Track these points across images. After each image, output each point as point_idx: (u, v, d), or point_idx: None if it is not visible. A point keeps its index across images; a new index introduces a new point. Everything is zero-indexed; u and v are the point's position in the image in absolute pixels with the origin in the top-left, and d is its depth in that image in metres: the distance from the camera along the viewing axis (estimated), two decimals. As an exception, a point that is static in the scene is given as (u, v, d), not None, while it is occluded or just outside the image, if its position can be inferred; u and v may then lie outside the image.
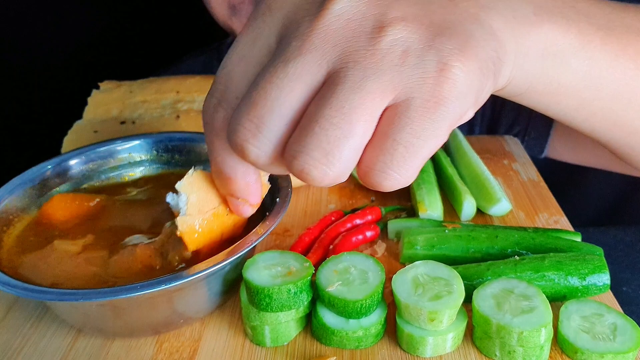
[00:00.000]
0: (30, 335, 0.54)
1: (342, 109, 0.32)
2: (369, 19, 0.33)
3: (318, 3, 0.34)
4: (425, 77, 0.33)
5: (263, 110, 0.34)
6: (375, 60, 0.33)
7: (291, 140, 0.34)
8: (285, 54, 0.34)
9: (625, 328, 0.48)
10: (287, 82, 0.33)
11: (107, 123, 0.73)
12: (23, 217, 0.59)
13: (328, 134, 0.32)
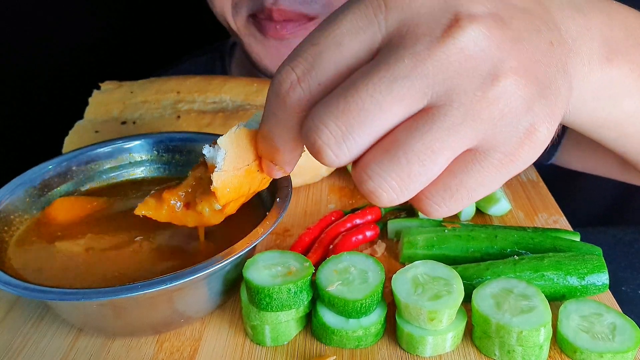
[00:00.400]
0: (31, 334, 0.54)
1: (433, 147, 0.33)
2: (487, 62, 0.33)
3: (444, 25, 0.32)
4: (513, 136, 0.33)
5: (355, 120, 0.33)
6: (479, 108, 0.33)
7: (371, 157, 0.34)
8: (394, 70, 0.32)
9: (624, 327, 0.48)
10: (389, 102, 0.32)
11: (107, 123, 0.73)
12: (24, 218, 0.59)
13: (412, 168, 0.33)
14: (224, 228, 0.58)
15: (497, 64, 0.32)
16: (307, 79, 0.34)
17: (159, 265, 0.53)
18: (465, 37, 0.32)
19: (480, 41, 0.32)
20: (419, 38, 0.32)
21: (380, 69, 0.32)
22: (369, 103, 0.32)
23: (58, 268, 0.53)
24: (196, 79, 0.76)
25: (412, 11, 0.33)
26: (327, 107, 0.33)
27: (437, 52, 0.32)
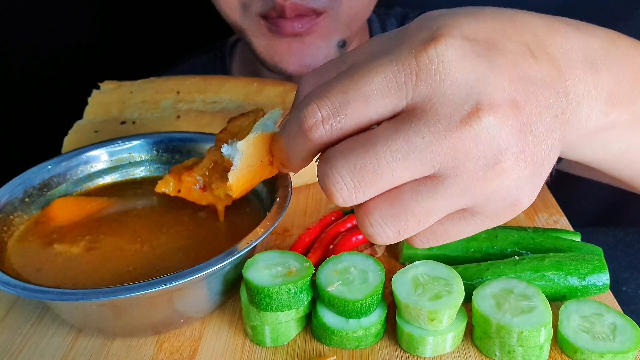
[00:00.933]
0: (31, 335, 0.54)
1: (430, 211, 0.38)
2: (494, 148, 0.36)
3: (465, 112, 0.35)
4: (499, 206, 0.39)
5: (368, 179, 0.37)
6: (477, 185, 0.37)
7: (374, 206, 0.38)
8: (412, 143, 0.36)
9: (624, 328, 0.48)
10: (401, 169, 0.36)
11: (107, 123, 0.73)
12: (23, 217, 0.59)
13: (408, 224, 0.38)
14: (223, 227, 0.58)
15: (502, 150, 0.36)
16: (330, 122, 0.37)
17: (159, 265, 0.53)
18: (481, 127, 0.35)
19: (493, 131, 0.36)
20: (440, 118, 0.35)
21: (399, 138, 0.36)
22: (384, 167, 0.36)
23: (57, 268, 0.53)
24: (196, 79, 0.76)
25: (439, 90, 0.35)
26: (346, 160, 0.37)
27: (453, 135, 0.35)
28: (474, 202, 0.38)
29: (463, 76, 0.36)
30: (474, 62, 0.36)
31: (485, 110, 0.35)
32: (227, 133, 0.52)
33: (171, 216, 0.60)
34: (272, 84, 0.75)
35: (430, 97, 0.36)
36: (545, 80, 0.39)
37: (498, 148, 0.36)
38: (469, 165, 0.36)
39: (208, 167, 0.52)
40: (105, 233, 0.58)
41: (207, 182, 0.52)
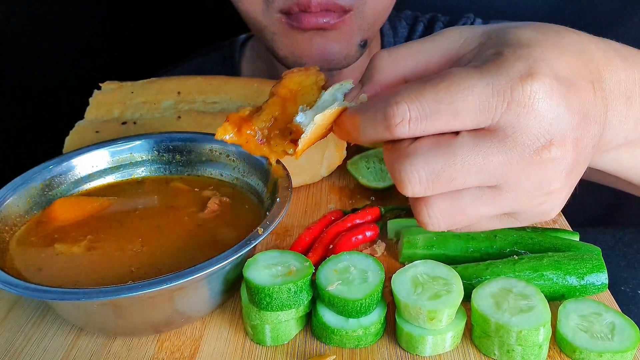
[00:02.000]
0: (32, 334, 0.54)
1: (482, 216, 0.44)
2: (552, 177, 0.42)
3: (540, 145, 0.41)
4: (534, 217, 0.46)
5: (442, 182, 0.42)
6: (528, 203, 0.44)
7: (436, 203, 0.43)
8: (488, 162, 0.41)
9: (623, 327, 0.48)
10: (472, 181, 0.42)
11: (108, 123, 0.73)
12: (25, 217, 0.59)
13: (461, 223, 0.44)
14: (224, 227, 0.58)
15: (555, 181, 0.43)
16: (417, 124, 0.41)
17: (160, 265, 0.53)
18: (549, 158, 0.41)
19: (556, 163, 0.42)
20: (517, 145, 0.41)
21: (478, 155, 0.41)
22: (459, 175, 0.41)
23: (59, 268, 0.53)
24: (197, 79, 0.76)
25: (524, 121, 0.40)
26: (426, 162, 0.42)
27: (524, 161, 0.41)
28: (516, 211, 0.45)
29: (546, 113, 0.40)
30: (557, 102, 0.41)
31: (556, 146, 0.41)
32: (284, 88, 0.54)
33: (172, 216, 0.60)
34: (273, 84, 0.75)
35: (514, 125, 0.40)
36: (597, 116, 0.44)
37: (554, 177, 0.42)
38: (527, 185, 0.42)
39: (267, 120, 0.53)
40: (106, 233, 0.58)
41: (267, 136, 0.54)
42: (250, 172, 0.64)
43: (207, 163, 0.67)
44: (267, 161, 0.61)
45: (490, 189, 0.43)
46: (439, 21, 1.07)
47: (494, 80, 0.40)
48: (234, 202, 0.62)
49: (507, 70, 0.41)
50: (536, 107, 0.40)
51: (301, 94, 0.53)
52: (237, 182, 0.66)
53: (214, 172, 0.67)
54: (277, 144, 0.53)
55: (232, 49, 1.11)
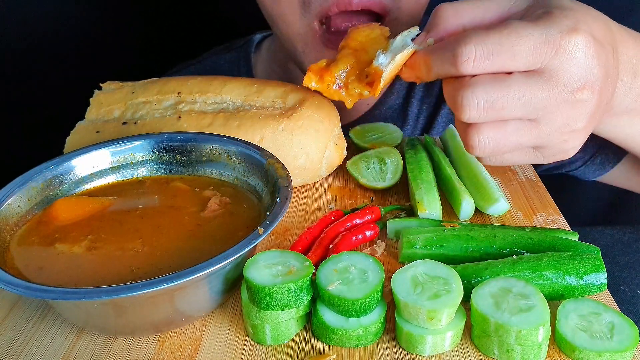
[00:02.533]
0: (33, 334, 0.54)
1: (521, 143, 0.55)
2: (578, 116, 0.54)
3: (577, 85, 0.52)
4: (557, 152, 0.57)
5: (495, 108, 0.52)
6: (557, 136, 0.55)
7: (487, 129, 0.54)
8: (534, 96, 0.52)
9: (622, 327, 0.48)
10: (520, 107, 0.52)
11: (109, 123, 0.73)
12: (26, 217, 0.60)
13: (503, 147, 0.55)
14: (224, 227, 0.59)
15: (582, 119, 0.54)
16: (480, 62, 0.51)
17: (160, 265, 0.53)
18: (581, 99, 0.52)
19: (585, 104, 0.53)
20: (560, 84, 0.52)
21: (527, 88, 0.52)
22: (510, 104, 0.52)
23: (59, 267, 0.53)
24: (197, 79, 0.76)
25: (566, 67, 0.51)
26: (485, 91, 0.52)
27: (563, 98, 0.52)
28: (544, 144, 0.55)
29: (584, 62, 0.51)
30: (592, 55, 0.51)
31: (587, 89, 0.52)
32: (354, 41, 0.65)
33: (172, 216, 0.60)
34: (273, 84, 0.75)
35: (558, 69, 0.51)
36: (613, 76, 0.56)
37: (580, 117, 0.54)
38: (559, 121, 0.53)
39: (345, 69, 0.63)
40: (106, 233, 0.58)
41: (345, 82, 0.64)
42: (251, 172, 0.65)
43: (207, 163, 0.67)
44: (266, 162, 0.62)
45: (530, 121, 0.54)
46: None
47: (547, 31, 0.51)
48: (234, 202, 0.63)
49: (558, 24, 0.51)
50: (577, 56, 0.51)
51: (370, 44, 0.64)
52: (238, 182, 0.66)
53: (214, 172, 0.67)
54: (355, 87, 0.62)
55: (247, 49, 1.10)
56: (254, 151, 0.64)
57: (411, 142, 0.81)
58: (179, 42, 1.36)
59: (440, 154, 0.77)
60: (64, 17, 1.27)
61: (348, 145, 0.80)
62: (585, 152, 0.92)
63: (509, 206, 0.68)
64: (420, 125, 1.01)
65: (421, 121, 1.02)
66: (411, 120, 1.01)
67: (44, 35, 1.26)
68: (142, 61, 1.30)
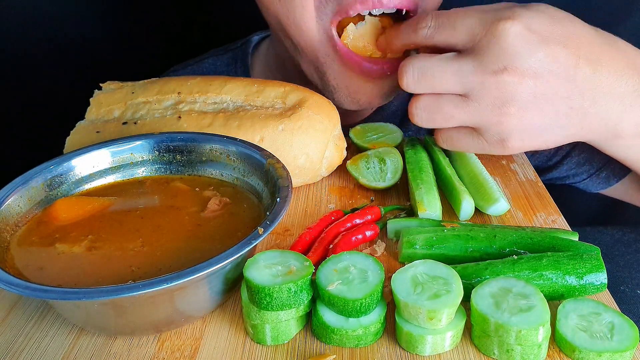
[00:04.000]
0: (33, 334, 0.54)
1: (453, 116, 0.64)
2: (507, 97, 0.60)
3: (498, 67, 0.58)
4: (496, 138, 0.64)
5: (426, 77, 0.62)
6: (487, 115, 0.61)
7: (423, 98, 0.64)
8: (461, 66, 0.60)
9: (622, 327, 0.48)
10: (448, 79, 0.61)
11: (109, 123, 0.73)
12: (26, 217, 0.60)
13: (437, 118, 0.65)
14: (224, 227, 0.59)
15: (511, 101, 0.58)
16: (431, 31, 0.62)
17: (160, 265, 0.53)
18: (503, 81, 0.58)
19: (510, 87, 0.58)
20: (483, 62, 0.58)
21: (455, 62, 0.60)
22: (438, 74, 0.61)
23: (59, 267, 0.53)
24: (197, 79, 0.76)
25: (491, 48, 0.58)
26: (420, 62, 0.61)
27: (485, 75, 0.58)
28: (480, 125, 0.61)
29: (508, 47, 0.56)
30: (526, 44, 0.56)
31: (509, 73, 0.57)
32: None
33: (172, 216, 0.60)
34: (273, 84, 0.75)
35: (484, 49, 0.57)
36: (576, 81, 0.58)
37: (509, 98, 0.58)
38: (487, 99, 0.58)
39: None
40: (107, 233, 0.58)
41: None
42: (251, 172, 0.65)
43: (207, 163, 0.67)
44: (266, 162, 0.62)
45: (462, 97, 0.60)
46: None
47: (486, 15, 0.58)
48: (234, 202, 0.63)
49: (497, 12, 0.58)
50: (503, 40, 0.56)
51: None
52: (238, 182, 0.66)
53: (214, 172, 0.67)
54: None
55: (244, 50, 1.09)
56: (254, 151, 0.64)
57: (411, 142, 0.81)
58: (180, 42, 1.36)
59: (440, 154, 0.77)
60: (64, 17, 1.27)
61: (348, 145, 0.80)
62: (592, 166, 0.92)
63: (509, 206, 0.68)
64: (424, 131, 1.01)
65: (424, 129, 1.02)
66: (413, 126, 1.01)
67: (44, 35, 1.26)
68: (142, 61, 1.30)
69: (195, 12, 1.34)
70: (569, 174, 0.95)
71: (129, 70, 1.03)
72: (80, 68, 1.29)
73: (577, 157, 0.93)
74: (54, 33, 1.27)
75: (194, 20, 1.35)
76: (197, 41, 1.29)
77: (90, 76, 0.88)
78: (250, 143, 0.66)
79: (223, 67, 1.09)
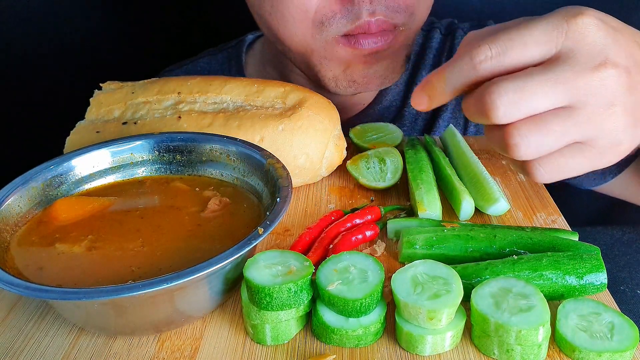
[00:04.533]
0: (33, 334, 0.54)
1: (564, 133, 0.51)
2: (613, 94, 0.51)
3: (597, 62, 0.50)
4: (609, 143, 0.53)
5: (525, 97, 0.50)
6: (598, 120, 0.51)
7: (524, 123, 0.51)
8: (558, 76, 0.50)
9: (622, 327, 0.48)
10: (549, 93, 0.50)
11: (109, 123, 0.73)
12: (26, 217, 0.60)
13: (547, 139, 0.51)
14: (224, 227, 0.59)
15: (617, 97, 0.51)
16: (497, 59, 0.51)
17: (160, 265, 0.53)
18: (606, 74, 0.50)
19: (614, 80, 0.50)
20: (580, 62, 0.50)
21: (550, 72, 0.50)
22: (538, 89, 0.49)
23: (59, 267, 0.53)
24: (197, 79, 0.76)
25: (580, 46, 0.50)
26: (510, 82, 0.50)
27: (587, 75, 0.50)
28: (592, 134, 0.52)
29: (598, 40, 0.50)
30: (607, 34, 0.50)
31: (610, 64, 0.50)
32: None
33: (172, 216, 0.60)
34: (273, 84, 0.75)
35: (573, 49, 0.50)
36: None
37: (614, 94, 0.51)
38: (595, 101, 0.50)
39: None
40: (107, 233, 0.58)
41: None
42: (251, 172, 0.65)
43: (207, 163, 0.67)
44: (266, 162, 0.62)
45: (565, 108, 0.51)
46: (460, 29, 1.07)
47: (551, 19, 0.51)
48: (234, 202, 0.63)
49: (562, 13, 0.51)
50: (588, 34, 0.50)
51: None
52: (238, 182, 0.66)
53: (214, 172, 0.67)
54: None
55: (238, 50, 1.10)
56: (254, 151, 0.64)
57: (411, 142, 0.81)
58: (180, 42, 1.36)
59: (440, 154, 0.77)
60: (64, 17, 1.27)
61: (348, 145, 0.80)
62: None
63: (509, 206, 0.68)
64: (419, 127, 1.01)
65: (420, 123, 1.02)
66: (408, 121, 1.01)
67: (44, 35, 1.26)
68: (142, 61, 1.30)
69: (195, 12, 1.34)
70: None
71: (129, 70, 1.04)
72: (80, 68, 1.29)
73: None
74: (54, 33, 1.27)
75: (194, 20, 1.35)
76: (197, 41, 1.29)
77: (90, 76, 0.88)
78: (250, 143, 0.66)
79: (217, 66, 1.10)
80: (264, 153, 0.64)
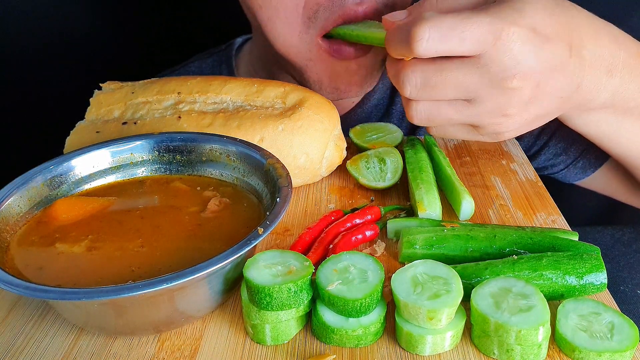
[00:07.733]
0: (33, 334, 0.54)
1: (452, 119, 0.63)
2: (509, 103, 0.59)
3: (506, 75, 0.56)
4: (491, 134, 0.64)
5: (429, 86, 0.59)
6: (488, 119, 0.61)
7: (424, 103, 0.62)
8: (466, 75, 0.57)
9: (622, 327, 0.48)
10: (451, 88, 0.59)
11: (109, 123, 0.73)
12: (26, 217, 0.60)
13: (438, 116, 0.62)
14: (224, 227, 0.59)
15: (513, 107, 0.59)
16: (432, 44, 0.54)
17: (160, 265, 0.53)
18: (511, 87, 0.57)
19: (517, 92, 0.57)
20: (491, 72, 0.56)
21: (460, 71, 0.57)
22: (442, 86, 0.58)
23: (59, 268, 0.53)
24: (197, 79, 0.76)
25: (500, 57, 0.55)
26: (422, 70, 0.58)
27: (492, 85, 0.56)
28: (478, 124, 0.61)
29: (518, 54, 0.55)
30: (529, 49, 0.55)
31: (517, 79, 0.55)
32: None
33: (172, 216, 0.60)
34: (273, 84, 0.75)
35: (493, 57, 0.55)
36: (567, 72, 0.58)
37: (512, 104, 0.58)
38: (491, 105, 0.58)
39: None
40: (106, 233, 0.58)
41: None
42: (250, 172, 0.65)
43: (207, 163, 0.67)
44: (266, 162, 0.62)
45: (463, 101, 0.59)
46: None
47: (493, 20, 0.54)
48: (234, 202, 0.63)
49: (504, 15, 0.54)
50: (512, 47, 0.54)
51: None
52: (237, 182, 0.66)
53: (214, 172, 0.67)
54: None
55: (228, 53, 1.10)
56: (254, 151, 0.64)
57: (411, 142, 0.81)
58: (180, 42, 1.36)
59: (440, 154, 0.77)
60: (64, 16, 1.27)
61: (348, 145, 0.80)
62: (568, 156, 0.94)
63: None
64: (406, 124, 1.01)
65: (407, 120, 1.02)
66: (395, 119, 1.01)
67: (44, 36, 1.26)
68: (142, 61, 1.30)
69: (195, 13, 1.34)
70: (547, 164, 0.97)
71: (129, 70, 1.04)
72: (80, 68, 1.29)
73: (554, 147, 0.95)
74: (54, 32, 1.27)
75: (195, 21, 1.35)
76: (197, 41, 1.29)
77: (90, 76, 0.88)
78: (250, 143, 0.66)
79: (209, 69, 1.10)
80: (263, 153, 0.64)
